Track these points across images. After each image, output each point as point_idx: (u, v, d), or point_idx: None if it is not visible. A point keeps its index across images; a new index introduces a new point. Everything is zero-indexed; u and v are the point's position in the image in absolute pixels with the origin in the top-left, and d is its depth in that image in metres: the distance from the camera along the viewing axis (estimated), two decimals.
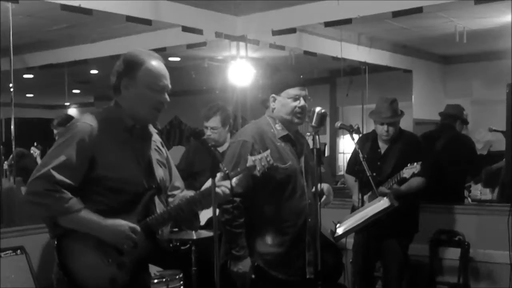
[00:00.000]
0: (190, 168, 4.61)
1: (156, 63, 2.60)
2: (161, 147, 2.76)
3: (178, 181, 2.81)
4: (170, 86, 2.62)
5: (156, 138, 2.75)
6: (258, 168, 2.74)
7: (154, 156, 2.69)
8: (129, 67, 2.57)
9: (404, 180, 4.41)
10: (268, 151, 2.88)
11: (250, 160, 2.80)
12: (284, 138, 3.38)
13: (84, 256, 2.46)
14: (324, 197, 3.36)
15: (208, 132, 4.57)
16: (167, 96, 2.61)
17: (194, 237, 4.13)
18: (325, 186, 3.40)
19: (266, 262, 3.31)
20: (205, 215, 4.18)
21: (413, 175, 4.23)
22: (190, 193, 2.74)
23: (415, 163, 4.20)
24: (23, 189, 4.86)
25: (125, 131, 2.58)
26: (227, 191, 2.62)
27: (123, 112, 2.59)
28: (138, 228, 2.51)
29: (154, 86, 2.57)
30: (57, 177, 2.40)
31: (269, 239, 3.31)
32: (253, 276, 3.26)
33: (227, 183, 2.62)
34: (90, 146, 2.46)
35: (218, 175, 2.62)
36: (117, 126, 2.57)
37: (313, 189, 3.36)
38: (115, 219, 2.48)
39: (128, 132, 2.58)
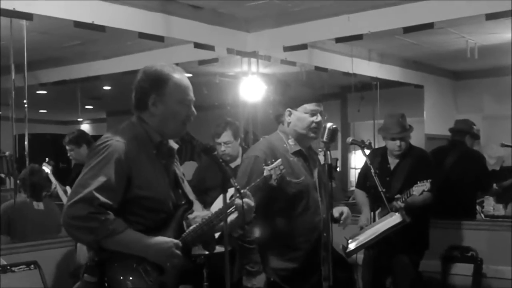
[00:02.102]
0: (202, 184, 4.63)
1: (181, 76, 2.58)
2: (178, 162, 2.76)
3: (191, 196, 2.79)
4: (194, 98, 2.61)
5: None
6: (274, 177, 2.75)
7: (178, 171, 2.69)
8: (156, 83, 2.52)
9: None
10: (280, 160, 2.93)
11: (266, 170, 2.83)
12: (296, 153, 3.38)
13: (127, 279, 2.40)
14: (342, 220, 3.37)
15: (222, 148, 4.60)
16: (194, 109, 2.60)
17: (206, 252, 4.12)
18: (345, 209, 3.42)
19: (281, 278, 3.30)
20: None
21: (423, 192, 4.20)
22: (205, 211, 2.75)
23: (424, 181, 4.17)
24: (35, 204, 4.93)
25: (153, 148, 2.54)
26: (251, 203, 2.62)
27: (149, 128, 2.53)
28: (180, 243, 2.49)
29: (183, 101, 2.55)
30: (101, 199, 2.31)
31: (282, 255, 3.30)
32: None
33: (247, 199, 2.61)
34: (126, 165, 2.40)
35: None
36: (146, 143, 2.51)
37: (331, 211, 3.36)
38: (159, 237, 2.44)
39: (155, 148, 2.54)
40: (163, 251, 2.44)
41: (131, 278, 2.41)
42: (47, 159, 5.46)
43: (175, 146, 2.69)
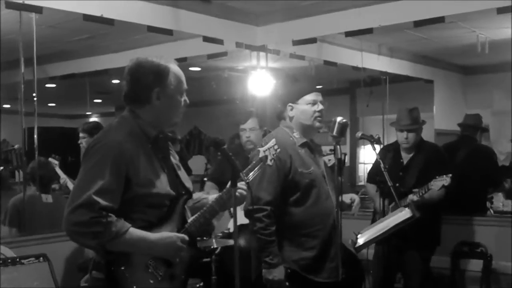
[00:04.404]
0: (222, 176, 4.63)
1: (177, 67, 2.57)
2: (172, 150, 2.73)
3: (188, 183, 2.74)
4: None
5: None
6: (269, 158, 2.77)
7: (174, 160, 2.67)
8: (158, 76, 2.49)
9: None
10: (274, 140, 3.00)
11: (261, 151, 2.89)
12: (303, 145, 3.45)
13: (136, 277, 2.38)
14: (354, 205, 3.38)
15: (247, 134, 4.63)
16: (186, 98, 2.59)
17: (215, 245, 4.13)
18: (355, 196, 3.50)
19: (301, 267, 3.35)
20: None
21: (442, 187, 4.17)
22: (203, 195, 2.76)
23: (444, 176, 4.13)
24: (44, 196, 4.94)
25: (148, 143, 2.51)
26: (244, 192, 2.62)
27: (143, 123, 2.51)
28: (186, 237, 2.48)
29: (182, 90, 2.56)
30: (102, 203, 2.28)
31: (300, 245, 3.36)
32: (287, 283, 3.28)
33: (242, 184, 2.61)
34: (124, 164, 2.37)
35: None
36: (141, 139, 2.49)
37: (340, 199, 3.37)
38: (162, 233, 2.43)
39: (151, 143, 2.52)
40: (169, 246, 2.43)
41: (139, 273, 2.40)
42: (53, 154, 5.47)
43: (170, 135, 2.67)
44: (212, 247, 4.14)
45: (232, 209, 2.60)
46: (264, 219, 3.26)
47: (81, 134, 5.28)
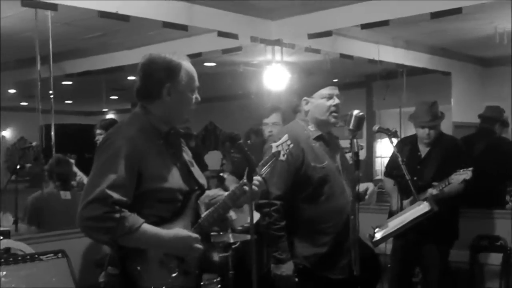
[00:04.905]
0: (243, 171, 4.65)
1: (189, 64, 2.56)
2: (185, 146, 2.73)
3: (202, 179, 2.72)
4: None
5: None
6: (282, 153, 2.75)
7: (187, 157, 2.67)
8: (170, 72, 2.48)
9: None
10: (286, 136, 2.99)
11: (274, 146, 2.89)
12: (317, 139, 3.38)
13: (151, 273, 2.38)
14: (367, 197, 3.35)
15: (269, 128, 4.62)
16: (198, 95, 2.58)
17: (231, 240, 4.12)
18: (370, 186, 3.40)
19: (312, 264, 3.30)
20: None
21: (463, 181, 4.12)
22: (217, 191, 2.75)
23: (465, 169, 4.08)
24: (62, 193, 4.97)
25: (160, 138, 2.51)
26: (256, 188, 2.57)
27: (154, 119, 2.51)
28: (199, 237, 2.47)
29: (193, 87, 2.55)
30: (115, 197, 2.27)
31: (310, 241, 3.30)
32: (296, 279, 3.25)
33: (257, 177, 2.59)
34: (135, 159, 2.36)
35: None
36: (152, 134, 2.49)
37: (357, 189, 3.33)
38: (176, 229, 2.42)
39: (163, 138, 2.52)
40: (184, 245, 2.42)
41: (154, 269, 2.39)
42: (68, 153, 5.51)
43: (181, 131, 2.66)
44: (228, 242, 4.14)
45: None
46: (273, 214, 3.22)
47: (98, 131, 5.31)
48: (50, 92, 5.07)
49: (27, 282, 3.76)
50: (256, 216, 3.22)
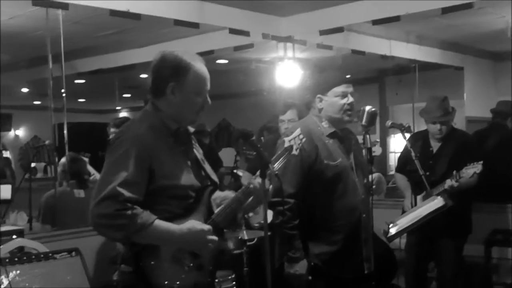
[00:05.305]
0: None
1: (201, 66, 2.54)
2: (196, 144, 2.72)
3: (214, 176, 2.72)
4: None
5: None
6: (295, 147, 2.73)
7: (198, 154, 2.66)
8: (176, 71, 2.48)
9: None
10: (299, 130, 2.99)
11: (287, 141, 2.89)
12: (331, 135, 3.34)
13: (164, 269, 2.38)
14: (374, 186, 3.31)
15: (285, 125, 4.61)
16: (209, 99, 2.57)
17: (245, 237, 4.12)
18: (375, 175, 3.35)
19: (323, 262, 3.28)
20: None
21: (474, 175, 4.09)
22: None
23: (475, 163, 4.06)
24: (76, 192, 5.00)
25: (170, 136, 2.51)
26: (266, 186, 2.55)
27: (164, 116, 2.51)
28: (211, 228, 2.46)
29: (201, 91, 2.53)
30: (126, 195, 2.27)
31: (322, 239, 3.28)
32: (310, 277, 3.23)
33: (254, 182, 2.58)
34: (147, 157, 2.37)
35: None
36: (162, 132, 2.49)
37: (365, 181, 3.31)
38: (189, 223, 2.41)
39: (173, 136, 2.52)
40: (197, 239, 2.41)
41: (167, 265, 2.39)
42: (82, 152, 5.53)
43: (191, 129, 2.66)
44: (243, 238, 4.13)
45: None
46: (286, 213, 3.19)
47: (111, 129, 5.32)
48: (62, 90, 5.09)
49: (41, 281, 3.76)
50: (270, 215, 3.22)
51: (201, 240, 2.43)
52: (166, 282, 2.38)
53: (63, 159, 5.09)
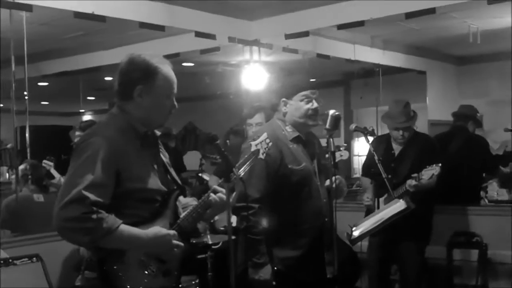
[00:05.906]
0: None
1: (169, 69, 2.54)
2: (162, 147, 2.72)
3: (179, 181, 2.72)
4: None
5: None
6: (261, 151, 2.74)
7: (164, 158, 2.66)
8: (144, 74, 2.47)
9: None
10: (265, 134, 3.03)
11: (253, 145, 2.90)
12: (295, 140, 3.35)
13: (130, 274, 2.37)
14: (334, 185, 3.31)
15: (253, 129, 4.60)
16: (175, 102, 2.57)
17: (210, 241, 4.12)
18: (336, 178, 3.33)
19: (287, 266, 3.28)
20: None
21: (432, 176, 4.16)
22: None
23: (433, 165, 4.13)
24: (35, 196, 4.92)
25: (138, 139, 2.50)
26: (224, 197, 2.56)
27: (132, 119, 2.50)
28: (176, 233, 2.46)
29: (169, 94, 2.53)
30: (92, 198, 2.24)
31: (287, 244, 3.28)
32: (274, 283, 3.22)
33: (219, 193, 2.57)
34: (113, 160, 2.34)
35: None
36: (130, 135, 2.48)
37: (326, 184, 3.32)
38: (154, 228, 2.41)
39: (141, 139, 2.51)
40: (164, 244, 2.42)
41: (133, 270, 2.38)
42: (47, 156, 5.45)
43: (158, 133, 2.65)
44: (207, 243, 4.13)
45: None
46: (251, 218, 3.17)
47: (77, 133, 5.26)
48: (25, 93, 5.02)
49: None
50: (234, 219, 3.23)
51: (167, 245, 2.43)
52: (128, 287, 2.36)
53: (22, 165, 5.02)
